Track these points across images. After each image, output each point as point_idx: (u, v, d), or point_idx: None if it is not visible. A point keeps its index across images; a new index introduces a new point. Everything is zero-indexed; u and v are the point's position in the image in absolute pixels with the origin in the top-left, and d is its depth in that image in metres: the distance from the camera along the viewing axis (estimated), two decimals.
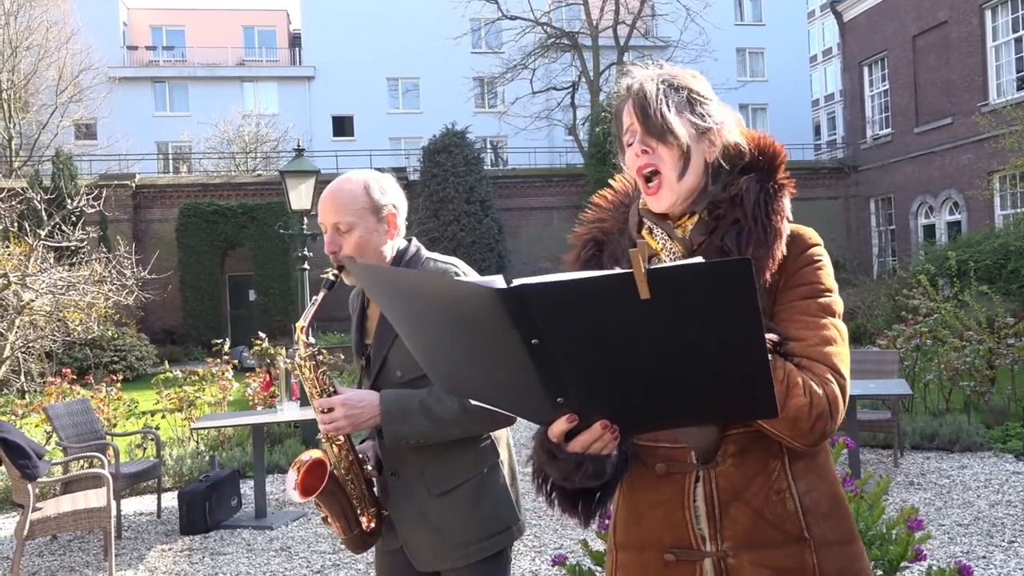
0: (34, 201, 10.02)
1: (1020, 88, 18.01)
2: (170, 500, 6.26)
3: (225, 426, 7.40)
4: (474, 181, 21.51)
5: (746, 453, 1.31)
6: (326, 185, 2.13)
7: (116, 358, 15.84)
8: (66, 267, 9.77)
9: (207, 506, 5.67)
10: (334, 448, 1.96)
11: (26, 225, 9.78)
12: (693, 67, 1.48)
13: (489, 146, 33.77)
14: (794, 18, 38.48)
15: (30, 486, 4.60)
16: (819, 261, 1.37)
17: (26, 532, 4.58)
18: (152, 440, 7.13)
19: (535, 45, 27.07)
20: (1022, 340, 7.82)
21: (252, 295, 21.99)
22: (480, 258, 20.21)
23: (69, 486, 5.48)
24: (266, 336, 9.76)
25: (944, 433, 7.07)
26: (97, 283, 9.66)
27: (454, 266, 2.02)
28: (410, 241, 2.09)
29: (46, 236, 9.28)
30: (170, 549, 5.38)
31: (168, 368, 8.88)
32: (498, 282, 1.00)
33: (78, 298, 9.40)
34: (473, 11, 27.44)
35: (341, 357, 10.49)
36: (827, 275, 1.37)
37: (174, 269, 19.22)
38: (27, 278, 8.74)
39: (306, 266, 8.53)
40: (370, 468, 2.02)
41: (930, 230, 20.68)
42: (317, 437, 1.99)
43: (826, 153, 35.91)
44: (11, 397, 9.66)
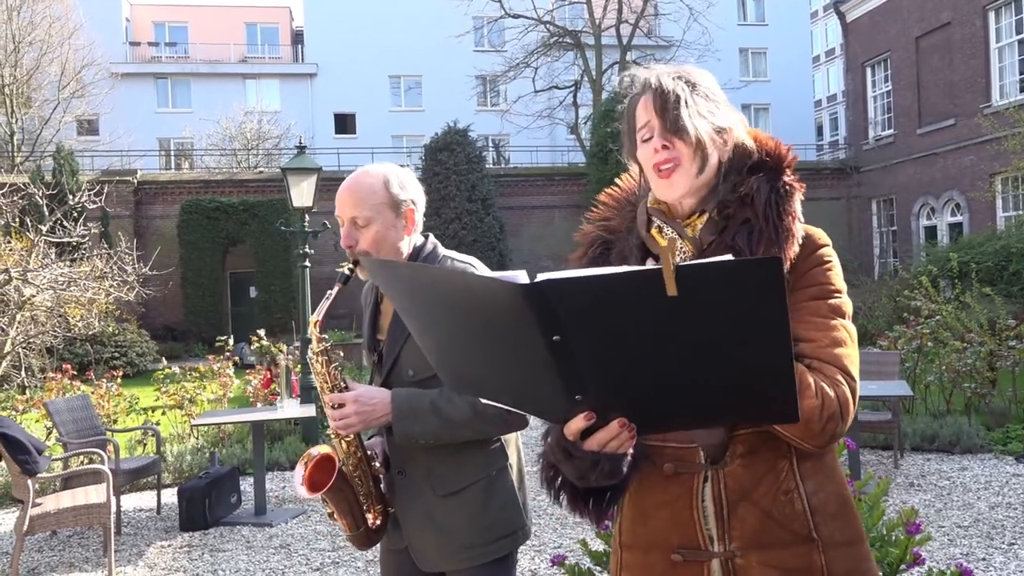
0: (36, 196, 10.01)
1: (1023, 90, 17.99)
2: (170, 496, 6.27)
3: (225, 423, 7.40)
4: (476, 179, 21.50)
5: (754, 453, 1.31)
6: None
7: (117, 354, 15.85)
8: (67, 263, 9.78)
9: (207, 503, 5.67)
10: (343, 444, 1.93)
11: (27, 220, 9.78)
12: (695, 67, 1.49)
13: (491, 144, 33.76)
14: (797, 18, 38.45)
15: (30, 482, 4.61)
16: (829, 262, 1.37)
17: (26, 528, 4.58)
18: (152, 436, 7.13)
19: (538, 44, 27.06)
20: (1023, 342, 7.82)
21: (253, 292, 21.99)
22: (481, 257, 19.69)
23: (69, 482, 5.48)
24: (267, 333, 9.77)
25: (944, 435, 7.07)
26: (98, 279, 9.66)
27: (472, 265, 2.00)
28: (427, 238, 2.07)
29: (47, 232, 9.28)
30: (169, 545, 5.38)
31: (168, 365, 8.88)
32: (520, 277, 1.00)
33: (79, 294, 9.40)
34: (476, 9, 27.43)
35: (340, 354, 10.44)
36: (837, 276, 1.37)
37: (175, 265, 19.22)
38: (28, 273, 8.74)
39: (307, 263, 8.53)
40: (378, 465, 2.00)
41: (932, 231, 20.67)
42: (327, 432, 1.97)
43: (828, 154, 35.92)
44: (12, 392, 9.66)
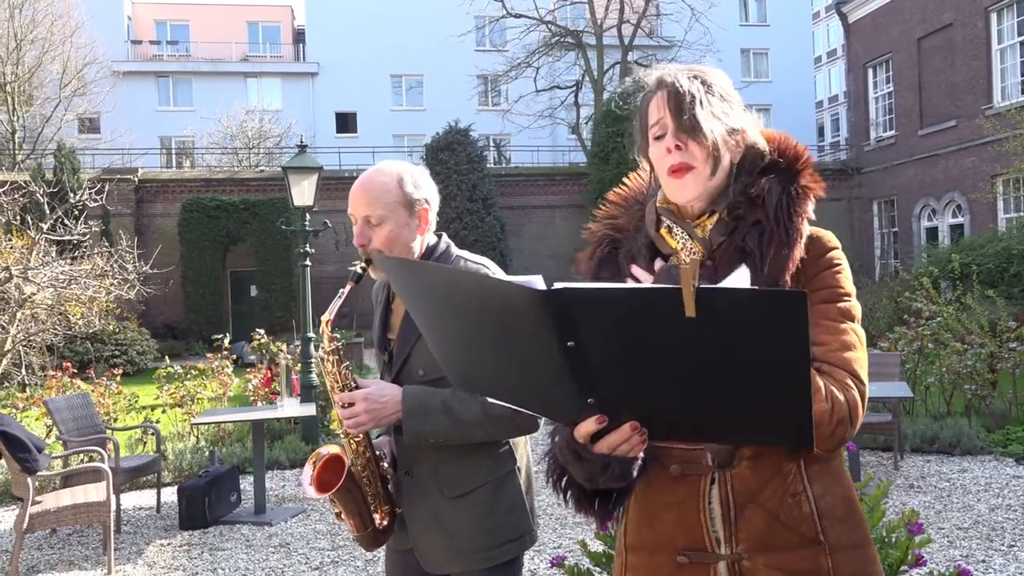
0: (37, 195, 10.02)
1: None
2: (169, 495, 6.26)
3: (225, 422, 7.40)
4: (477, 179, 21.50)
5: (762, 456, 1.30)
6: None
7: (117, 352, 15.85)
8: (68, 261, 9.78)
9: (206, 501, 5.67)
10: (352, 444, 1.91)
11: (28, 218, 9.79)
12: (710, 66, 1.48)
13: (492, 144, 33.75)
14: (799, 19, 38.44)
15: (30, 480, 4.61)
16: (838, 265, 1.36)
17: (25, 525, 4.58)
18: (152, 435, 7.13)
19: (539, 43, 27.06)
20: None
21: (254, 291, 22.00)
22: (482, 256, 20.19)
23: (69, 480, 5.48)
24: (267, 332, 9.77)
25: (945, 436, 7.06)
26: (99, 277, 9.67)
27: (485, 266, 1.98)
28: (440, 237, 2.05)
29: (48, 230, 9.28)
30: (169, 544, 5.38)
31: (168, 364, 8.88)
32: (538, 283, 1.00)
33: (79, 292, 9.41)
34: (477, 9, 27.44)
35: (341, 341, 10.43)
36: (846, 279, 1.36)
37: (176, 264, 19.23)
38: (29, 271, 8.75)
39: (308, 262, 8.53)
40: (386, 465, 1.99)
41: (933, 233, 20.66)
42: (336, 431, 1.95)
43: (829, 155, 35.90)
44: (12, 390, 9.66)
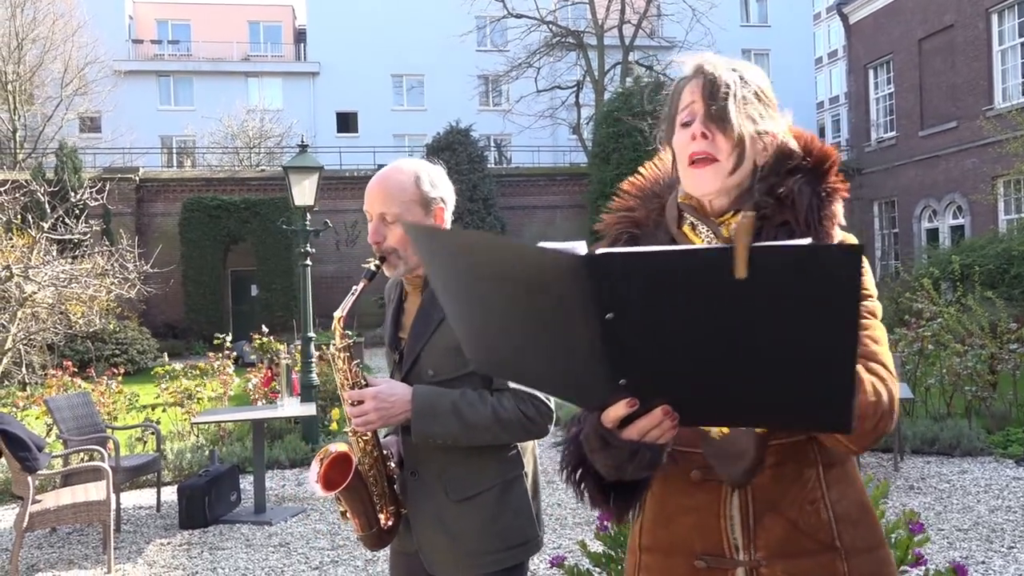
0: (38, 194, 10.03)
1: None
2: (169, 494, 6.27)
3: (225, 421, 7.40)
4: (477, 179, 21.52)
5: (783, 464, 1.30)
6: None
7: (117, 351, 15.87)
8: (69, 260, 9.79)
9: (206, 501, 5.67)
10: (360, 442, 1.90)
11: (29, 217, 9.80)
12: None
13: (493, 144, 33.76)
14: (800, 20, 38.43)
15: (30, 478, 4.61)
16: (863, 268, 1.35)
17: (25, 524, 4.59)
18: (152, 434, 7.13)
19: (540, 44, 27.07)
20: None
21: (254, 290, 22.01)
22: None
23: (69, 479, 5.49)
24: (268, 331, 9.77)
25: (945, 438, 7.06)
26: (99, 276, 9.68)
27: None
28: None
29: (49, 229, 9.29)
30: (169, 543, 5.38)
31: (168, 361, 8.89)
32: (580, 248, 0.96)
33: (80, 291, 9.41)
34: (479, 9, 27.45)
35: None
36: (869, 280, 1.34)
37: (176, 263, 19.24)
38: (30, 270, 8.75)
39: (308, 262, 8.53)
40: (393, 465, 1.97)
41: (933, 234, 20.66)
42: (344, 430, 1.94)
43: None
44: (12, 389, 9.67)
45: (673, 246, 0.96)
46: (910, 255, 20.45)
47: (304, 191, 8.39)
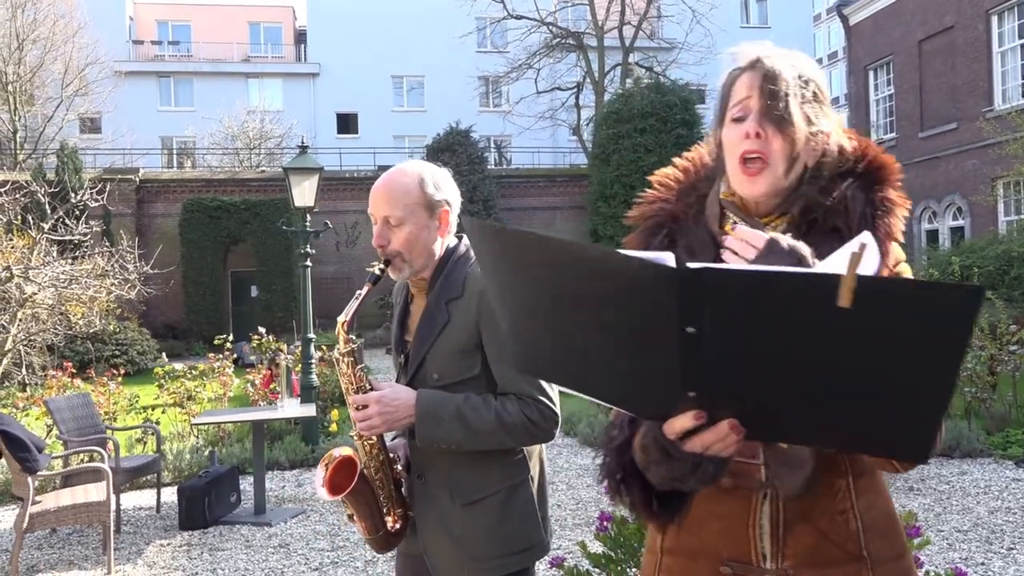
0: (38, 194, 10.03)
1: None
2: (169, 495, 6.27)
3: (225, 422, 7.40)
4: (477, 180, 21.53)
5: (815, 475, 1.27)
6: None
7: (117, 352, 15.87)
8: (69, 261, 9.79)
9: (206, 502, 5.68)
10: (365, 446, 1.90)
11: (29, 218, 9.80)
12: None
13: (493, 145, 33.77)
14: (800, 21, 38.44)
15: (30, 479, 4.61)
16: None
17: (25, 525, 4.59)
18: (152, 435, 7.14)
19: (540, 45, 27.08)
20: None
21: (254, 291, 22.01)
22: None
23: (69, 480, 5.49)
24: (268, 332, 9.77)
25: (944, 439, 7.06)
26: (99, 277, 9.68)
27: None
28: (460, 239, 2.02)
29: (49, 229, 9.29)
30: (169, 544, 5.39)
31: (167, 361, 8.89)
32: (669, 260, 0.94)
33: (80, 292, 9.41)
34: (479, 10, 27.45)
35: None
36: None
37: (177, 264, 19.25)
38: (30, 271, 8.75)
39: (308, 263, 8.54)
40: (399, 468, 1.97)
41: (933, 235, 20.66)
42: (350, 434, 1.94)
43: None
44: (12, 390, 9.67)
45: (777, 267, 0.92)
46: (910, 257, 20.38)
47: (304, 192, 8.40)
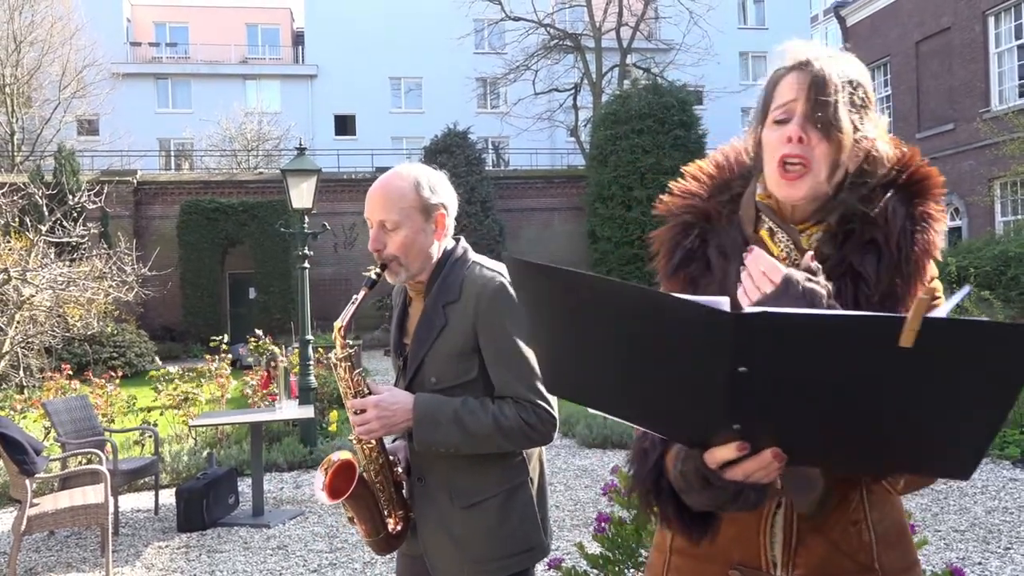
0: (35, 196, 10.02)
1: (1022, 95, 18.02)
2: (167, 497, 6.26)
3: (223, 424, 7.40)
4: (475, 182, 21.53)
5: (829, 485, 1.26)
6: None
7: (115, 354, 15.85)
8: (66, 263, 9.78)
9: (204, 503, 5.67)
10: (365, 449, 1.91)
11: (27, 220, 9.78)
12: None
13: (491, 147, 33.78)
14: (797, 22, 38.48)
15: (27, 482, 4.61)
16: (939, 299, 1.25)
17: (23, 528, 4.58)
18: (150, 437, 7.13)
19: (538, 46, 27.11)
20: None
21: (252, 293, 22.00)
22: None
23: (67, 482, 5.48)
24: (265, 334, 9.77)
25: None
26: (97, 279, 9.67)
27: (501, 273, 1.93)
28: (458, 241, 2.02)
29: (47, 231, 9.28)
30: (167, 546, 5.38)
31: (163, 366, 8.88)
32: (724, 304, 0.93)
33: (78, 294, 9.40)
34: (476, 12, 27.49)
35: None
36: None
37: (174, 266, 19.23)
38: (27, 273, 8.75)
39: (306, 265, 8.54)
40: (400, 471, 1.98)
41: None
42: (348, 438, 1.95)
43: None
44: (10, 392, 9.66)
45: (833, 311, 0.93)
46: None
47: (302, 194, 8.40)
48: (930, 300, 0.85)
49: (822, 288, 1.09)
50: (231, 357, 9.84)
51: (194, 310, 21.00)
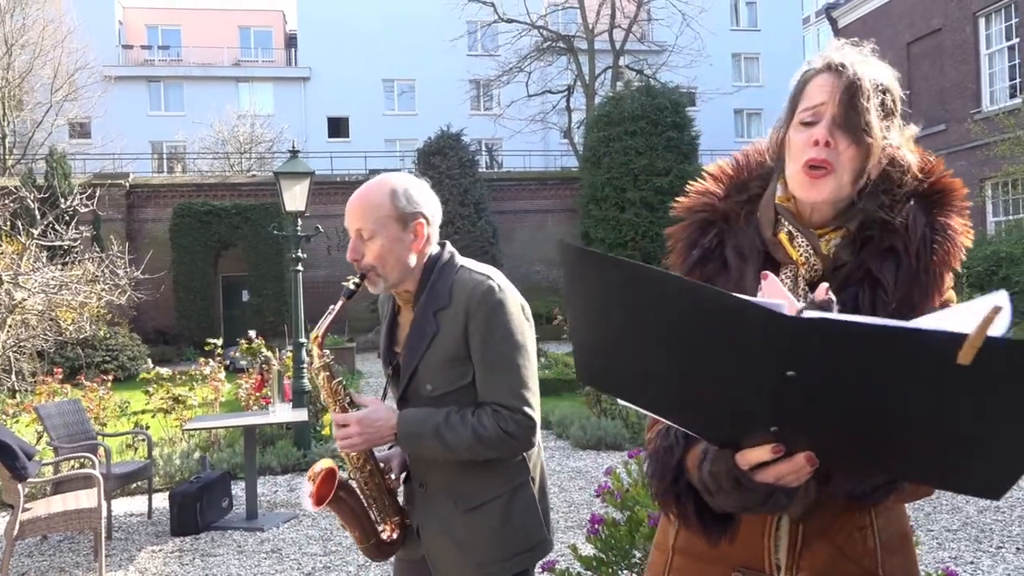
0: (27, 200, 9.99)
1: (1013, 96, 18.11)
2: (161, 501, 6.25)
3: (217, 427, 7.38)
4: (469, 183, 21.53)
5: (824, 497, 1.25)
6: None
7: (108, 358, 15.79)
8: (59, 266, 9.76)
9: (198, 507, 5.66)
10: (351, 457, 1.94)
11: (19, 224, 9.75)
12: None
13: (484, 148, 33.80)
14: (789, 24, 38.63)
15: (20, 486, 4.59)
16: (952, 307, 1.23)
17: (16, 532, 4.57)
18: (143, 440, 7.11)
19: (531, 48, 27.14)
20: None
21: (245, 296, 21.95)
22: None
23: (60, 486, 5.47)
24: (259, 337, 9.75)
25: None
26: (90, 282, 9.65)
27: (489, 277, 1.93)
28: (444, 247, 2.00)
29: (39, 235, 9.26)
30: (160, 550, 5.37)
31: (153, 368, 8.84)
32: (784, 307, 0.93)
33: (70, 297, 9.38)
34: (469, 14, 27.53)
35: (331, 357, 10.45)
36: None
37: (167, 269, 19.19)
38: (19, 277, 8.72)
39: (300, 267, 8.53)
40: (393, 478, 2.00)
41: None
42: (333, 446, 1.97)
43: None
44: (2, 397, 9.62)
45: (894, 322, 0.93)
46: None
47: (295, 196, 8.39)
48: (994, 317, 0.84)
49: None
50: (225, 360, 9.80)
51: (187, 313, 20.94)
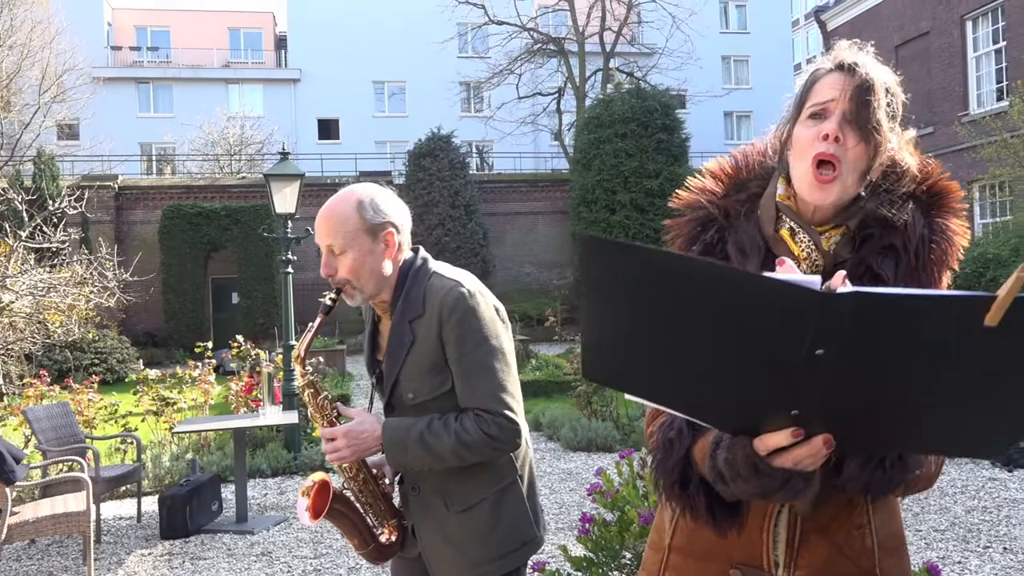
0: (15, 202, 9.94)
1: (1000, 99, 18.25)
2: (150, 504, 6.23)
3: (206, 430, 7.36)
4: (459, 185, 21.53)
5: (827, 491, 1.25)
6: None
7: (97, 361, 15.72)
8: (47, 269, 9.70)
9: (187, 510, 5.64)
10: (343, 467, 1.98)
11: (6, 226, 9.69)
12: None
13: (475, 150, 33.81)
14: (779, 26, 38.80)
15: (7, 490, 4.57)
16: None
17: (3, 536, 4.54)
18: (132, 443, 7.08)
19: (521, 50, 27.16)
20: None
21: (235, 298, 21.87)
22: (465, 263, 20.18)
23: (48, 490, 5.44)
24: (249, 340, 9.72)
25: None
26: (78, 285, 9.60)
27: (460, 283, 1.92)
28: (416, 252, 2.01)
29: (27, 237, 9.21)
30: (150, 554, 5.35)
31: (144, 369, 8.81)
32: (816, 284, 0.91)
33: (59, 300, 9.32)
34: (460, 16, 27.53)
35: (320, 360, 10.44)
36: None
37: (156, 271, 19.11)
38: (7, 279, 8.66)
39: (290, 269, 8.51)
40: (386, 482, 2.05)
41: None
42: (323, 458, 2.01)
43: None
44: None
45: (926, 291, 0.93)
46: None
47: (285, 198, 8.37)
48: (1021, 281, 0.84)
49: None
50: (215, 363, 9.76)
51: (176, 316, 20.84)
